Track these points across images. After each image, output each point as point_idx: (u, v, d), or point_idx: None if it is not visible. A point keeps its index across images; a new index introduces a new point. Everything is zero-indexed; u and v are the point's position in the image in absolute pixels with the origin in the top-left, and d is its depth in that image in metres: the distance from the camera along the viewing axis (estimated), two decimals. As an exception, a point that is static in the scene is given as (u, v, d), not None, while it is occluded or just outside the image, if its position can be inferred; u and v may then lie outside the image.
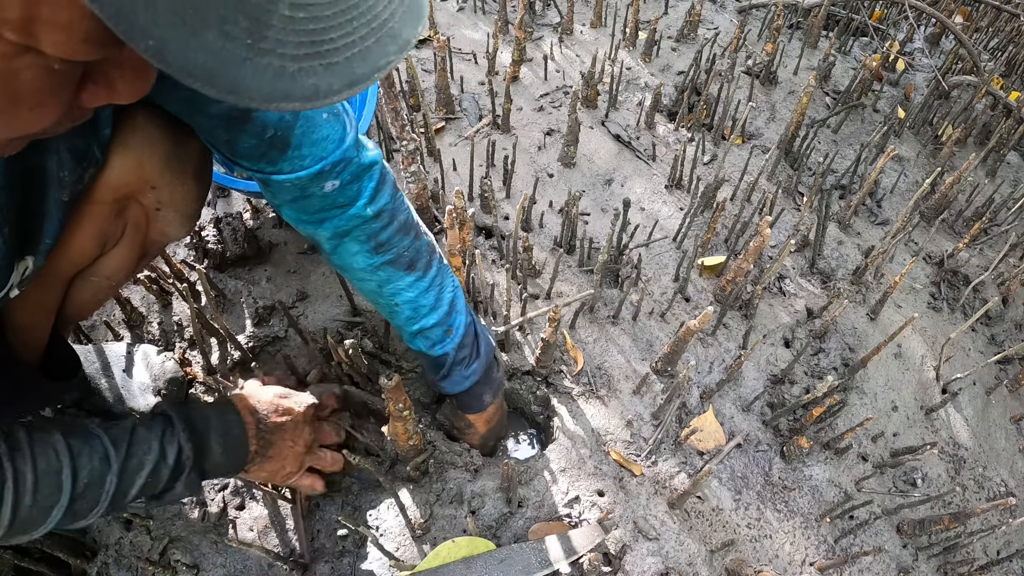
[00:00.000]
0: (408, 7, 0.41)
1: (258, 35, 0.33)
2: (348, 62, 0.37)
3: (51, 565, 0.98)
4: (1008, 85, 2.27)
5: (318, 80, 0.36)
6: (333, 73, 0.37)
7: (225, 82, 0.34)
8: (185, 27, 0.31)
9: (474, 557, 0.98)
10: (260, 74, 0.34)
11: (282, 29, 0.33)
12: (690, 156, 1.74)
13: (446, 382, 1.01)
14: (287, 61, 0.35)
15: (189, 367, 1.21)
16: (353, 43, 0.37)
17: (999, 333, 1.57)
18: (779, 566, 1.09)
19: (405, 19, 0.40)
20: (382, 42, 0.39)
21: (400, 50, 0.41)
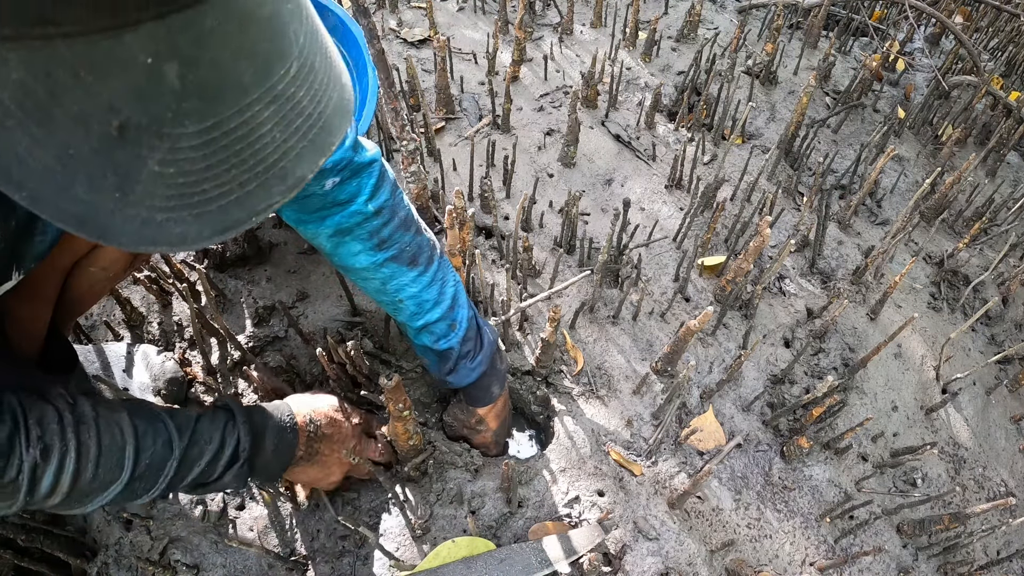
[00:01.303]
0: (312, 141, 0.39)
1: (127, 189, 0.33)
2: (222, 209, 0.36)
3: (51, 565, 0.98)
4: (1008, 85, 2.27)
5: (186, 228, 0.36)
6: (203, 221, 0.36)
7: (94, 229, 0.34)
8: (56, 183, 0.32)
9: (474, 557, 0.98)
10: (128, 223, 0.34)
11: (151, 183, 0.33)
12: (690, 156, 1.74)
13: (453, 376, 1.01)
14: (155, 212, 0.34)
15: (189, 367, 1.21)
16: (230, 191, 0.36)
17: (999, 333, 1.57)
18: (779, 566, 1.09)
19: (302, 156, 0.39)
20: (266, 185, 0.38)
21: (289, 190, 0.39)
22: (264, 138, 0.36)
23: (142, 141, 0.32)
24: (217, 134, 0.34)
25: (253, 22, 0.34)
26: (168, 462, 0.73)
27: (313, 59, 0.38)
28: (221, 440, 0.78)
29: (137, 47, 0.30)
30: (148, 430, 0.72)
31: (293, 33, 0.37)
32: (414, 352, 1.25)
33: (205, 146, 0.34)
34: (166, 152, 0.33)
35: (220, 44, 0.32)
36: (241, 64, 0.34)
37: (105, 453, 0.67)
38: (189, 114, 0.33)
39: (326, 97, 0.39)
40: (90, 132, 0.31)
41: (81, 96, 0.30)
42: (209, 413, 0.80)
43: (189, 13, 0.31)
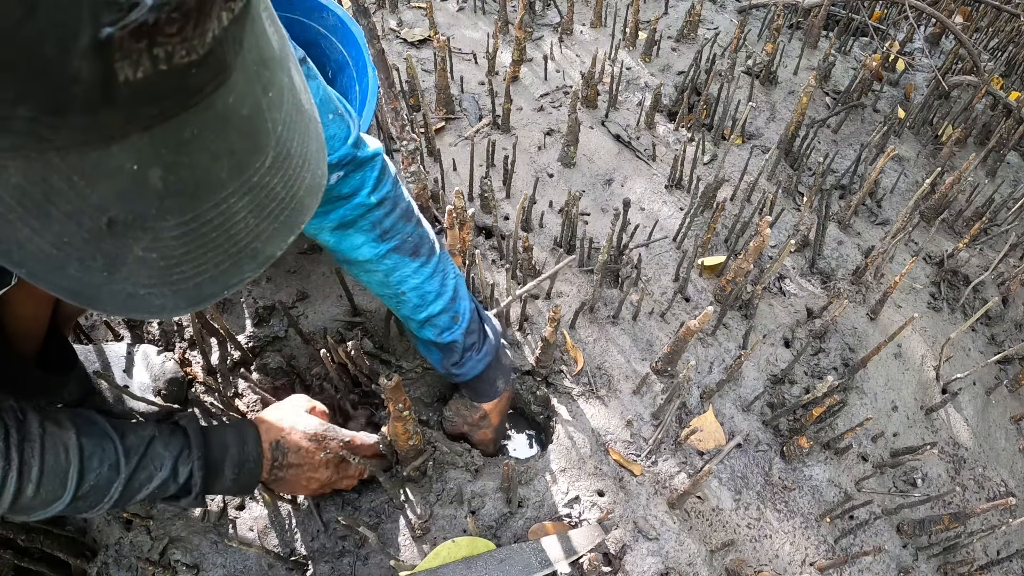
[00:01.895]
0: (283, 222, 0.42)
1: (113, 270, 0.37)
2: (197, 286, 0.40)
3: (51, 565, 0.98)
4: (1008, 85, 2.27)
5: (165, 301, 0.40)
6: (180, 295, 0.40)
7: (85, 299, 0.38)
8: (51, 264, 0.36)
9: (474, 557, 0.98)
10: (115, 295, 0.38)
11: (135, 266, 0.37)
12: (690, 156, 1.74)
13: (459, 369, 1.01)
14: (139, 288, 0.38)
15: (189, 367, 1.21)
16: (205, 271, 0.39)
17: (999, 333, 1.57)
18: (779, 566, 1.09)
19: (272, 237, 0.42)
20: (239, 263, 0.41)
21: (259, 266, 0.43)
22: (238, 224, 0.39)
23: (128, 233, 0.35)
24: (195, 225, 0.37)
25: (231, 125, 0.36)
26: (113, 484, 0.74)
27: (290, 145, 0.41)
28: (173, 469, 0.79)
29: (124, 157, 0.33)
30: (95, 452, 0.73)
31: (272, 123, 0.39)
32: (414, 352, 1.25)
33: (184, 236, 0.37)
34: (149, 241, 0.36)
35: (199, 149, 0.35)
36: (218, 164, 0.37)
37: (47, 473, 0.69)
38: (170, 210, 0.36)
39: (299, 179, 0.42)
40: (82, 226, 0.34)
41: (74, 198, 0.33)
42: (165, 435, 0.80)
43: (172, 123, 0.33)
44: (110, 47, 0.28)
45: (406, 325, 1.03)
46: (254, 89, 0.38)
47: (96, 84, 0.29)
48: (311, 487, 0.95)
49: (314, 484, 0.95)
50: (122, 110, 0.31)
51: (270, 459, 0.89)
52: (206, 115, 0.35)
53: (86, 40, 0.28)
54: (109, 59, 0.28)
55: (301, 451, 0.91)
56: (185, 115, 0.34)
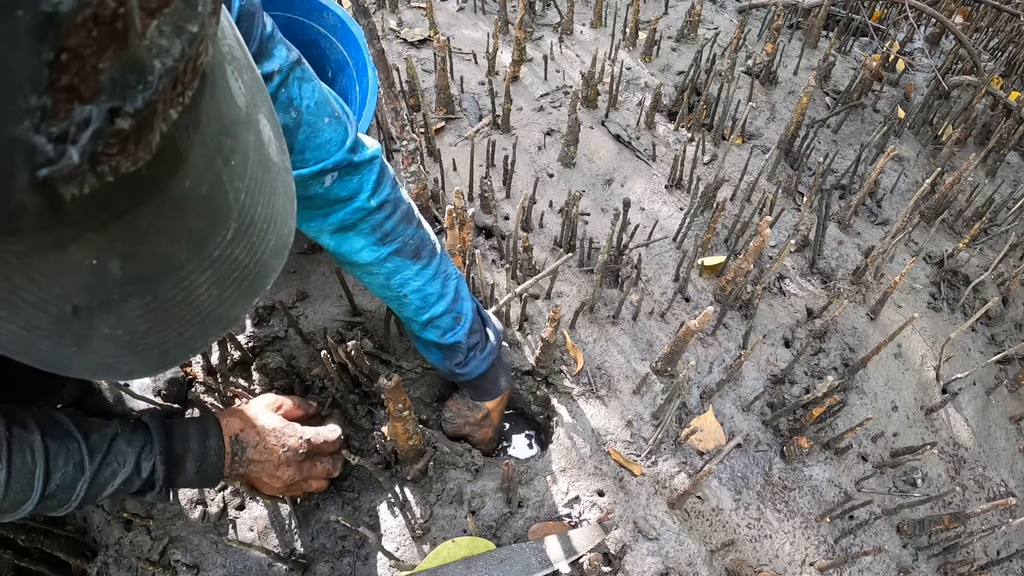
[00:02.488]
0: (246, 287, 0.42)
1: (82, 346, 0.38)
2: (163, 353, 0.41)
3: (51, 565, 0.98)
4: (1008, 85, 2.27)
5: (134, 366, 0.41)
6: (148, 361, 0.41)
7: (59, 368, 0.40)
8: (22, 343, 0.36)
9: (474, 557, 0.98)
10: (86, 365, 0.40)
11: (101, 342, 0.38)
12: (690, 156, 1.74)
13: (463, 368, 1.02)
14: (107, 358, 0.39)
15: (189, 367, 1.21)
16: (169, 339, 0.40)
17: (999, 333, 1.57)
18: (779, 566, 1.09)
19: (237, 302, 0.42)
20: (203, 329, 0.41)
21: (223, 329, 0.43)
22: (201, 297, 0.39)
23: (93, 315, 0.36)
24: (157, 304, 0.38)
25: (189, 208, 0.36)
26: (79, 482, 0.76)
27: (254, 212, 0.40)
28: (136, 465, 0.80)
29: (81, 255, 0.33)
30: (60, 451, 0.74)
31: (234, 195, 0.39)
32: (414, 352, 1.25)
33: (148, 314, 0.38)
34: (114, 321, 0.37)
35: (156, 236, 0.35)
36: (177, 246, 0.37)
37: (15, 475, 0.70)
38: (132, 294, 0.36)
39: (263, 244, 0.42)
40: (48, 313, 0.35)
41: (37, 291, 0.34)
42: (128, 432, 0.81)
43: (126, 218, 0.33)
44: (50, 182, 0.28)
45: (407, 327, 1.03)
46: (214, 164, 0.37)
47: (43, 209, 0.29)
48: (275, 485, 0.94)
49: (277, 483, 0.93)
50: (73, 222, 0.31)
51: (230, 453, 0.88)
52: (162, 205, 0.34)
53: (25, 181, 0.27)
54: (52, 189, 0.28)
55: (260, 447, 0.90)
56: (140, 208, 0.33)
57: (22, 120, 0.25)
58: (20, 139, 0.25)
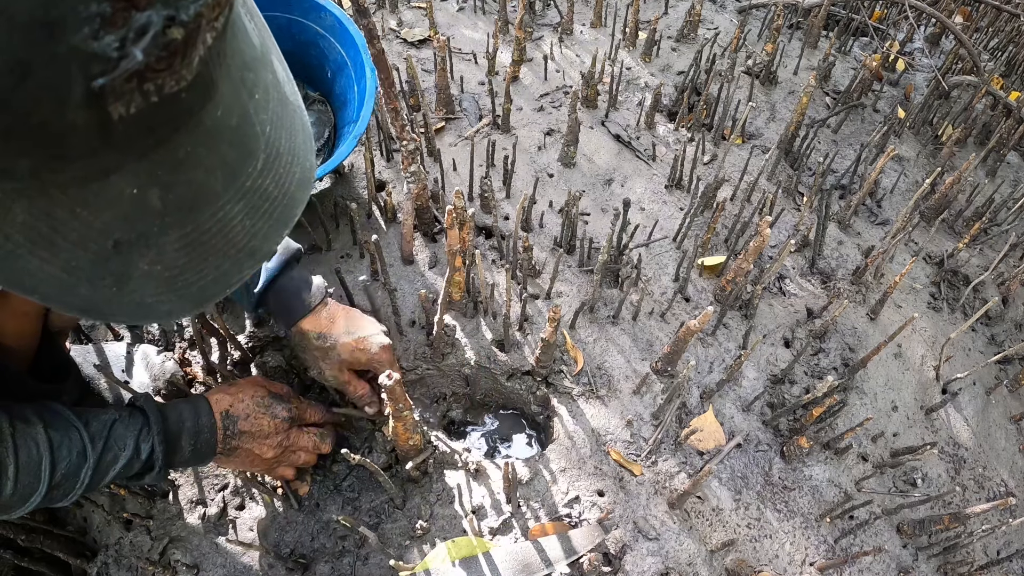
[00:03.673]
0: (276, 218, 0.43)
1: (121, 286, 0.38)
2: (200, 289, 0.42)
3: (51, 565, 0.98)
4: (1008, 85, 2.27)
5: (172, 306, 0.41)
6: (185, 299, 0.41)
7: (96, 314, 0.40)
8: (62, 287, 0.37)
9: (474, 557, 0.98)
10: (123, 308, 0.40)
11: (141, 280, 0.38)
12: (690, 156, 1.74)
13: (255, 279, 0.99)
14: (146, 298, 0.40)
15: (189, 367, 1.21)
16: (207, 274, 0.41)
17: (999, 333, 1.57)
18: (779, 566, 1.09)
19: (269, 234, 0.43)
20: (239, 263, 0.42)
21: (257, 262, 0.44)
22: (235, 228, 0.40)
23: (133, 251, 0.37)
24: (195, 235, 0.39)
25: (221, 138, 0.37)
26: (83, 470, 0.77)
27: (278, 144, 0.42)
28: (135, 447, 0.81)
29: (123, 184, 0.34)
30: (63, 441, 0.75)
31: (260, 126, 0.40)
32: (414, 352, 1.25)
33: (186, 247, 0.39)
34: (154, 256, 0.38)
35: (193, 166, 0.36)
36: (212, 176, 0.38)
37: (23, 469, 0.71)
38: (171, 226, 0.37)
39: (289, 175, 0.43)
40: (88, 251, 0.36)
41: (78, 227, 0.35)
42: (125, 417, 0.82)
43: (165, 146, 0.34)
44: (103, 95, 0.29)
45: None
46: (240, 97, 0.38)
47: (92, 129, 0.30)
48: (266, 456, 0.94)
49: (268, 452, 0.94)
50: (118, 146, 0.32)
51: (222, 428, 0.90)
52: (197, 132, 0.36)
53: (79, 94, 0.28)
54: (102, 104, 0.29)
55: (249, 418, 0.92)
56: (177, 137, 0.35)
57: (81, 28, 0.26)
58: (79, 48, 0.26)
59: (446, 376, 1.27)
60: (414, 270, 1.38)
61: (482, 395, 1.29)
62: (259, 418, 0.93)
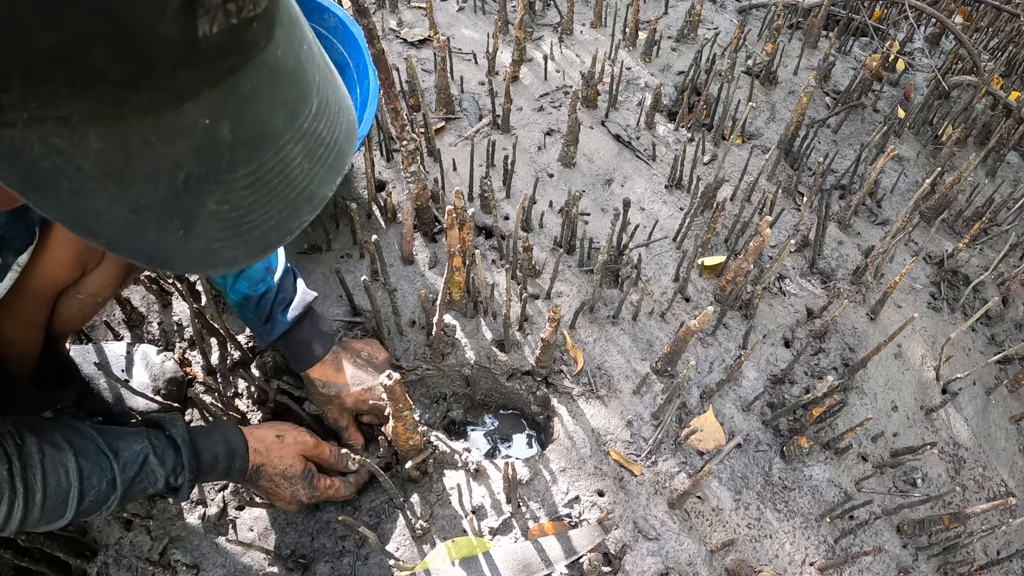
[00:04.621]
0: (330, 166, 0.45)
1: (188, 228, 0.39)
2: (264, 234, 0.42)
3: (51, 565, 0.98)
4: (1008, 85, 2.27)
5: (236, 252, 0.42)
6: (250, 245, 0.42)
7: (162, 263, 0.41)
8: (129, 230, 0.37)
9: (474, 557, 0.98)
10: (189, 255, 0.40)
11: (209, 220, 0.39)
12: (690, 156, 1.74)
13: (270, 326, 1.01)
14: (212, 243, 0.40)
15: (189, 367, 1.21)
16: (270, 218, 0.42)
17: (999, 333, 1.57)
18: (779, 566, 1.09)
19: (324, 180, 0.45)
20: (298, 208, 0.44)
21: (314, 209, 0.45)
22: (295, 170, 0.42)
23: (202, 188, 0.38)
24: (260, 173, 0.40)
25: (282, 77, 0.40)
26: (111, 498, 0.78)
27: (327, 94, 0.44)
28: (166, 483, 0.83)
29: (197, 113, 0.35)
30: (93, 471, 0.76)
31: (311, 76, 0.43)
32: (414, 352, 1.25)
33: (252, 185, 0.40)
34: (221, 194, 0.39)
35: (258, 101, 0.38)
36: (275, 113, 0.40)
37: (50, 496, 0.72)
38: (239, 161, 0.38)
39: (338, 125, 0.45)
40: (159, 186, 0.36)
41: (151, 158, 0.35)
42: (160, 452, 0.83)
43: (235, 77, 0.36)
44: (195, 6, 0.31)
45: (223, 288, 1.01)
46: (293, 43, 0.41)
47: (180, 43, 0.32)
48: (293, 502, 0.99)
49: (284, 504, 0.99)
50: (199, 67, 0.34)
51: (250, 474, 0.94)
52: (262, 68, 0.38)
53: (176, 3, 0.30)
54: (193, 16, 0.31)
55: (273, 480, 0.96)
56: (245, 69, 0.37)
57: None
58: None
59: (446, 376, 1.27)
60: (414, 270, 1.38)
61: (482, 395, 1.29)
62: (280, 486, 0.96)
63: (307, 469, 0.98)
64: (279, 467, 0.95)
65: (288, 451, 0.97)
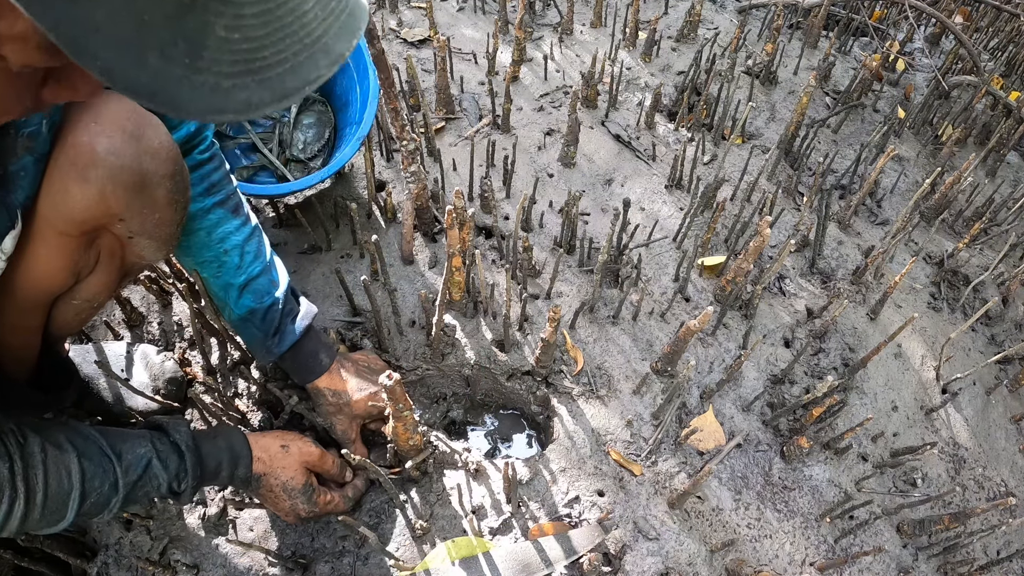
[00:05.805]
0: (344, 23, 0.43)
1: (195, 56, 0.36)
2: (280, 77, 0.40)
3: (51, 565, 0.98)
4: (1008, 85, 2.27)
5: (250, 94, 0.39)
6: (265, 87, 0.40)
7: (165, 99, 0.37)
8: (129, 52, 0.35)
9: (474, 557, 0.98)
10: (197, 91, 0.37)
11: (217, 49, 0.37)
12: (690, 156, 1.74)
13: (278, 338, 1.01)
14: (222, 78, 0.38)
15: (189, 367, 1.21)
16: (285, 59, 0.40)
17: (999, 333, 1.57)
18: (779, 566, 1.09)
19: (339, 35, 0.43)
20: (314, 58, 0.42)
21: (332, 64, 0.43)
22: (309, 13, 0.40)
23: (209, 8, 0.35)
24: (271, 5, 0.38)
25: None
26: (112, 500, 0.78)
27: None
28: (169, 489, 0.83)
29: None
30: (96, 473, 0.76)
31: None
32: (414, 352, 1.25)
33: (263, 14, 0.37)
34: (231, 19, 0.36)
35: None
36: None
37: (52, 498, 0.71)
38: None
39: None
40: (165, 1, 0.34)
41: None
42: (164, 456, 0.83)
43: None
44: None
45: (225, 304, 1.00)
46: None
47: None
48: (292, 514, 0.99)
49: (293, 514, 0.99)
50: None
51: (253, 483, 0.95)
52: None
53: None
54: None
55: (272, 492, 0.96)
56: None
57: None
58: None
59: (446, 376, 1.27)
60: (414, 270, 1.38)
61: (482, 395, 1.29)
62: (280, 498, 0.96)
63: (308, 484, 0.97)
64: (281, 478, 0.95)
65: (292, 462, 0.96)
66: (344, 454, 0.95)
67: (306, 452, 0.98)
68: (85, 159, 0.70)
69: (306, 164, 1.49)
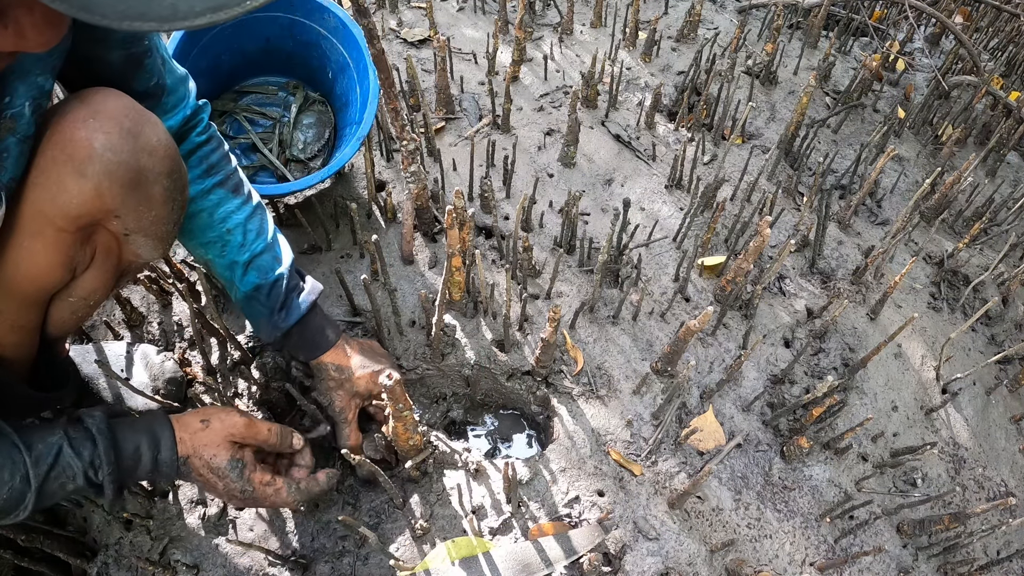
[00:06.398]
0: None
1: None
2: None
3: (51, 565, 0.98)
4: (1008, 85, 2.27)
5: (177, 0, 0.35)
6: None
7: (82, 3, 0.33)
8: None
9: (474, 557, 0.98)
10: None
11: None
12: (690, 156, 1.74)
13: (285, 312, 0.99)
14: None
15: (189, 367, 1.21)
16: None
17: (999, 333, 1.57)
18: (779, 566, 1.09)
19: None
20: None
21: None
22: None
23: None
24: None
25: None
26: (26, 496, 0.74)
27: None
28: (84, 476, 0.77)
29: None
30: (4, 464, 0.72)
31: None
32: (414, 352, 1.25)
33: None
34: None
35: None
36: None
37: None
38: None
39: None
40: None
41: None
42: (77, 443, 0.77)
43: None
44: None
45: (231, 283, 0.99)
46: None
47: None
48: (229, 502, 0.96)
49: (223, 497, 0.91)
50: None
51: (180, 468, 0.87)
52: None
53: None
54: None
55: (202, 479, 0.88)
56: None
57: None
58: None
59: (446, 376, 1.27)
60: (414, 270, 1.38)
61: (482, 395, 1.29)
62: (210, 480, 0.88)
63: (234, 459, 0.87)
64: (204, 456, 0.86)
65: (213, 438, 0.87)
66: (344, 454, 0.95)
67: (229, 423, 0.88)
68: (82, 154, 0.69)
69: (306, 164, 1.49)
